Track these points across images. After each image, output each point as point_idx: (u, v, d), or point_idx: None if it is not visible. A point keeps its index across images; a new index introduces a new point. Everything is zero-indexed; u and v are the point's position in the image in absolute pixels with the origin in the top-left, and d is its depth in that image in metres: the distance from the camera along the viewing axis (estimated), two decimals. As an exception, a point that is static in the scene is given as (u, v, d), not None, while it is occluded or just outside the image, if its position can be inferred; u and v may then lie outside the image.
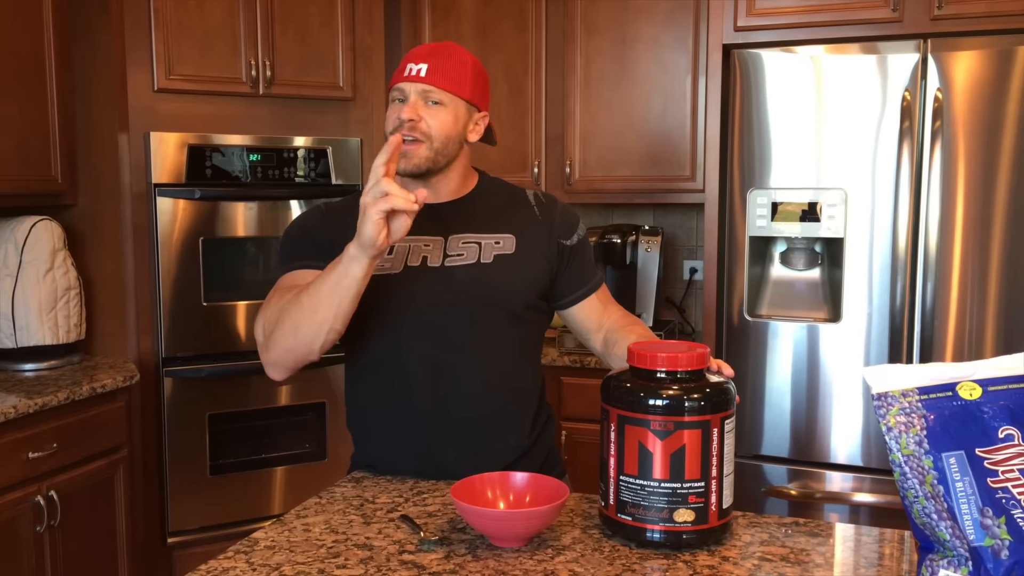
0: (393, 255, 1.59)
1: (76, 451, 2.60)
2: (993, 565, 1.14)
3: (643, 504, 1.27)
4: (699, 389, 1.28)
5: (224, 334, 3.16)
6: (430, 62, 1.57)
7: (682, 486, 1.25)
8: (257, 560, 1.26)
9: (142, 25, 2.95)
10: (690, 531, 1.27)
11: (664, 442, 1.25)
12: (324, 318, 1.45)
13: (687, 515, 1.26)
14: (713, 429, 1.26)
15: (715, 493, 1.27)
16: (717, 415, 1.27)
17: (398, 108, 1.58)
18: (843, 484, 2.63)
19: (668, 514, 1.26)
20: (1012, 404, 1.21)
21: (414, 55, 1.60)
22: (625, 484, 1.28)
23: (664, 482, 1.25)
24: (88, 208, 3.03)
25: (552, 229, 1.68)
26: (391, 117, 1.58)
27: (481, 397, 1.61)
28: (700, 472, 1.26)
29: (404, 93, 1.58)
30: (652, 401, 1.26)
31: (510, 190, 1.73)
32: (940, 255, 2.48)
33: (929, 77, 2.45)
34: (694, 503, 1.26)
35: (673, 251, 3.58)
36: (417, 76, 1.56)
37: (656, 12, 3.18)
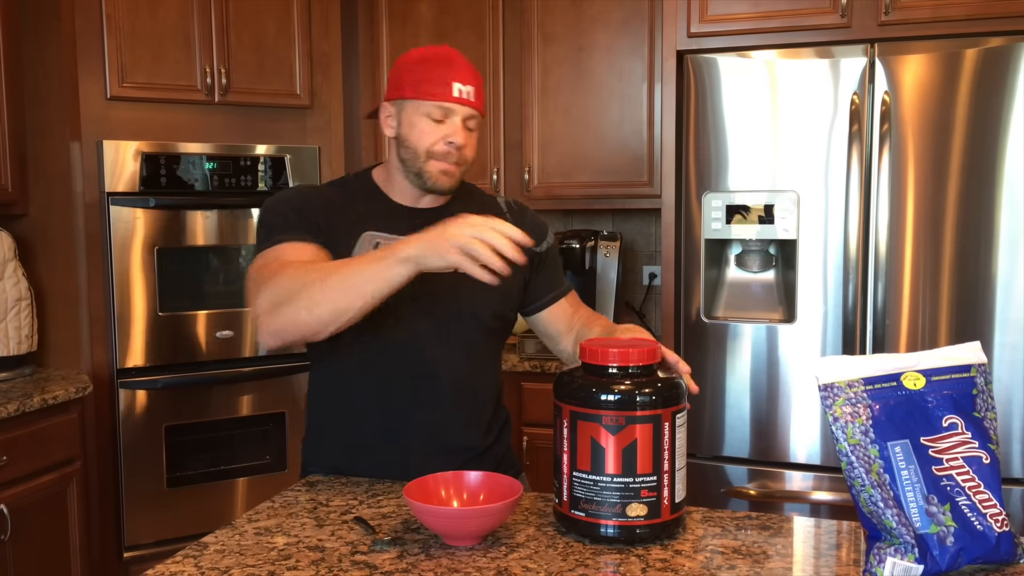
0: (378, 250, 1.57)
1: (27, 464, 2.55)
2: (939, 552, 1.15)
3: (596, 499, 1.27)
4: (650, 384, 1.28)
5: (181, 344, 3.12)
6: (475, 85, 1.55)
7: (634, 480, 1.26)
8: (206, 564, 1.24)
9: (94, 32, 2.92)
10: (643, 525, 1.27)
11: (616, 437, 1.25)
12: (349, 306, 1.37)
13: (640, 509, 1.26)
14: (664, 423, 1.27)
15: (667, 487, 1.28)
16: (668, 409, 1.28)
17: (441, 128, 1.54)
18: (803, 483, 2.66)
19: (621, 509, 1.26)
20: (955, 393, 1.23)
21: (456, 71, 1.54)
22: (578, 480, 1.28)
23: (617, 477, 1.26)
24: (39, 217, 2.98)
25: None
26: (430, 135, 1.54)
27: (444, 401, 1.61)
28: (652, 466, 1.26)
29: (450, 113, 1.54)
30: (603, 396, 1.26)
31: (482, 197, 1.74)
32: (891, 255, 2.52)
33: (877, 81, 2.50)
34: (646, 497, 1.27)
35: (632, 256, 3.60)
36: (468, 100, 1.54)
37: (612, 20, 3.21)
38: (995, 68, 2.41)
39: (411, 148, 1.56)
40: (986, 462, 1.20)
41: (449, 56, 1.56)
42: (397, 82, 1.58)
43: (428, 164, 1.56)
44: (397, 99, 1.57)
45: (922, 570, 1.15)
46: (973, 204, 2.46)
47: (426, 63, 1.55)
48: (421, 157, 1.56)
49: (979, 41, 2.44)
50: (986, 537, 1.16)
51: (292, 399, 3.30)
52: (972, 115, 2.44)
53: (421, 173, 1.57)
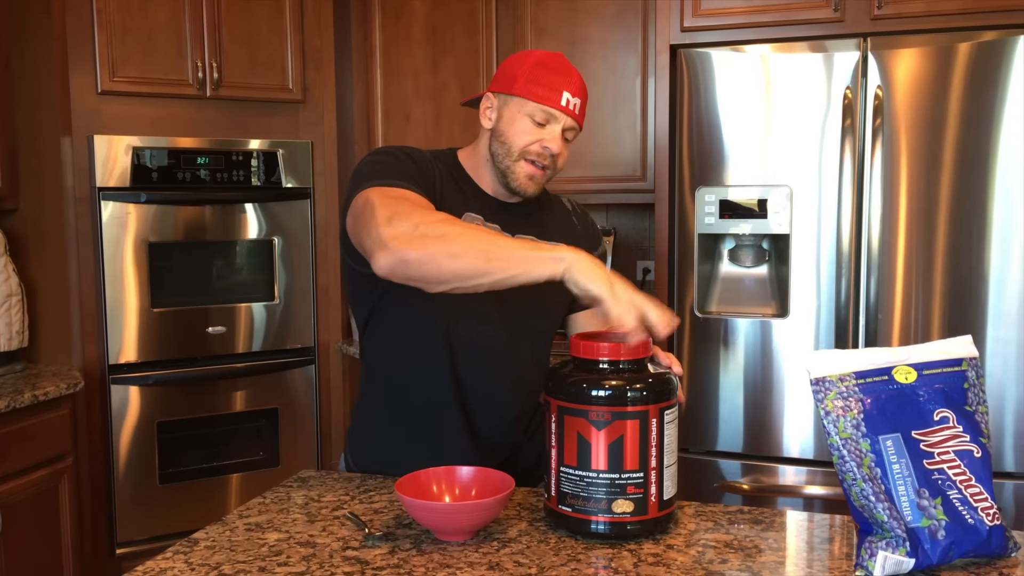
0: None
1: (18, 460, 2.54)
2: (930, 545, 1.15)
3: (583, 495, 1.27)
4: (639, 379, 1.28)
5: (173, 340, 3.11)
6: (582, 98, 1.55)
7: (620, 477, 1.25)
8: (196, 560, 1.23)
9: (85, 26, 2.90)
10: (630, 522, 1.27)
11: (602, 432, 1.25)
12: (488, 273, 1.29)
13: (626, 506, 1.26)
14: (652, 419, 1.26)
15: (655, 484, 1.27)
16: (656, 405, 1.27)
17: (542, 132, 1.53)
18: (796, 477, 2.66)
19: (607, 505, 1.26)
20: (947, 387, 1.23)
21: (570, 79, 1.54)
22: (565, 475, 1.28)
23: (603, 473, 1.25)
24: (30, 213, 2.96)
25: (586, 239, 1.71)
26: (529, 135, 1.53)
27: (504, 403, 1.62)
28: (639, 463, 1.26)
29: (553, 120, 1.53)
30: (591, 392, 1.26)
31: (550, 197, 1.74)
32: (883, 250, 2.52)
33: (869, 75, 2.49)
34: (633, 494, 1.26)
35: (626, 252, 3.60)
36: (573, 112, 1.53)
37: (605, 14, 3.20)
38: (988, 62, 2.41)
39: (506, 144, 1.54)
40: (977, 456, 1.20)
41: (565, 66, 1.56)
42: (507, 77, 1.56)
43: (518, 164, 1.54)
44: (503, 93, 1.56)
45: (913, 563, 1.15)
46: (966, 198, 2.46)
47: (542, 67, 1.54)
48: (513, 155, 1.54)
49: (972, 35, 2.44)
50: (977, 531, 1.16)
51: (285, 395, 3.29)
52: (965, 109, 2.44)
53: (507, 172, 1.55)
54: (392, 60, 3.45)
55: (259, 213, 3.23)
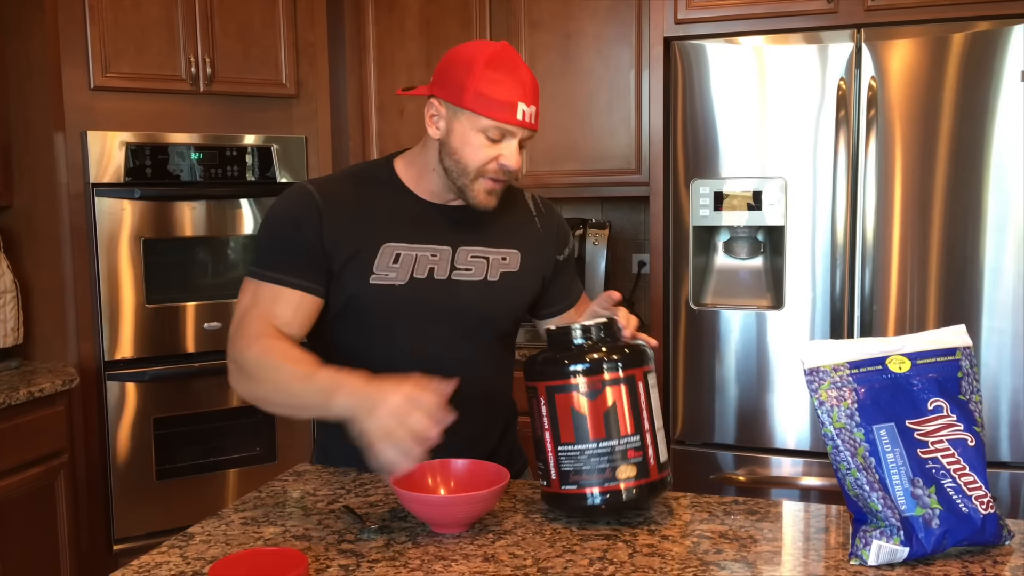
0: (399, 265, 1.50)
1: (14, 457, 2.54)
2: (924, 534, 1.16)
3: (585, 469, 1.28)
4: (617, 348, 1.31)
5: (169, 336, 3.11)
6: (537, 102, 1.46)
7: (619, 443, 1.27)
8: (191, 554, 1.23)
9: (77, 21, 2.89)
10: (635, 487, 1.28)
11: (594, 402, 1.27)
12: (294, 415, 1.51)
13: (629, 471, 1.27)
14: (639, 383, 1.29)
15: (651, 446, 1.30)
16: (640, 369, 1.30)
17: (501, 150, 1.45)
18: (792, 469, 2.67)
19: (611, 473, 1.27)
20: (940, 376, 1.23)
21: (526, 90, 1.44)
22: (564, 454, 1.29)
23: (601, 442, 1.27)
24: (24, 209, 2.96)
25: (550, 242, 1.67)
26: (484, 152, 1.45)
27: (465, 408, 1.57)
28: (634, 427, 1.28)
29: (509, 135, 1.45)
30: (575, 366, 1.28)
31: (511, 193, 1.65)
32: (878, 241, 2.53)
33: (863, 66, 2.49)
34: (634, 458, 1.28)
35: (621, 245, 3.60)
36: (530, 124, 1.45)
37: (599, 7, 3.20)
38: (982, 52, 2.41)
39: (461, 163, 1.47)
40: (971, 444, 1.20)
41: (515, 68, 1.44)
42: (454, 84, 1.44)
43: (475, 183, 1.47)
44: (451, 103, 1.45)
45: (908, 552, 1.15)
46: (960, 189, 2.46)
47: (491, 73, 1.42)
48: (470, 175, 1.47)
49: (966, 25, 2.43)
50: (971, 519, 1.17)
51: (281, 390, 3.28)
52: (959, 100, 2.44)
53: (465, 190, 1.49)
54: (386, 54, 3.44)
55: (254, 208, 3.23)
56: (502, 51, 1.45)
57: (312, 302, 1.49)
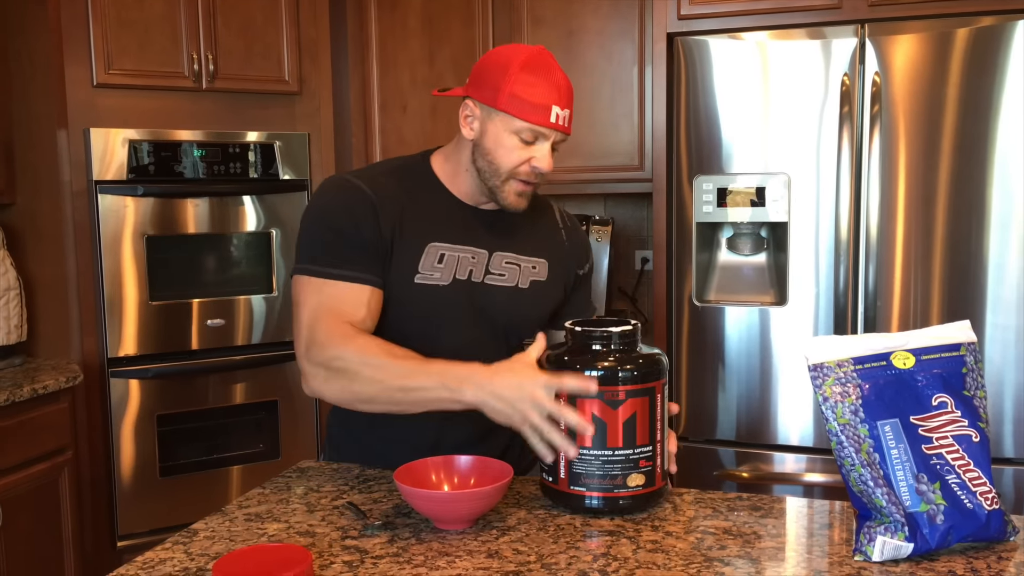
0: (443, 265, 1.51)
1: (18, 454, 2.54)
2: (929, 530, 1.15)
3: (598, 474, 1.29)
4: (643, 358, 1.31)
5: (173, 333, 3.11)
6: (571, 107, 1.47)
7: (634, 452, 1.29)
8: (195, 550, 1.23)
9: (79, 19, 2.89)
10: (641, 495, 1.31)
11: (619, 411, 1.28)
12: (403, 411, 1.39)
13: (639, 479, 1.30)
14: (657, 396, 1.31)
15: (659, 456, 1.33)
16: (660, 382, 1.32)
17: (534, 152, 1.46)
18: (795, 465, 2.66)
19: (623, 480, 1.30)
20: (945, 372, 1.23)
21: (560, 93, 1.45)
22: (579, 457, 1.29)
23: (619, 450, 1.29)
24: (27, 207, 2.96)
25: (573, 256, 1.69)
26: (517, 155, 1.46)
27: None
28: (648, 437, 1.30)
29: (544, 137, 1.46)
30: (608, 373, 1.29)
31: (538, 202, 1.66)
32: (882, 237, 2.52)
33: (867, 62, 2.49)
34: (644, 467, 1.30)
35: (625, 241, 3.60)
36: (563, 126, 1.46)
37: (601, 3, 3.19)
38: (986, 48, 2.40)
39: (493, 164, 1.48)
40: (976, 440, 1.20)
41: (550, 71, 1.45)
42: (489, 85, 1.45)
43: (507, 184, 1.49)
44: (485, 104, 1.46)
45: (912, 548, 1.15)
46: (964, 184, 2.45)
47: (526, 76, 1.43)
48: (502, 176, 1.48)
49: (970, 20, 2.43)
50: (976, 515, 1.16)
51: (285, 387, 3.29)
52: (963, 95, 2.43)
53: (496, 191, 1.50)
54: (388, 51, 3.44)
55: (257, 205, 3.23)
56: (538, 55, 1.46)
57: (379, 296, 1.48)
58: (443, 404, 1.35)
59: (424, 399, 1.36)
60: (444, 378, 1.33)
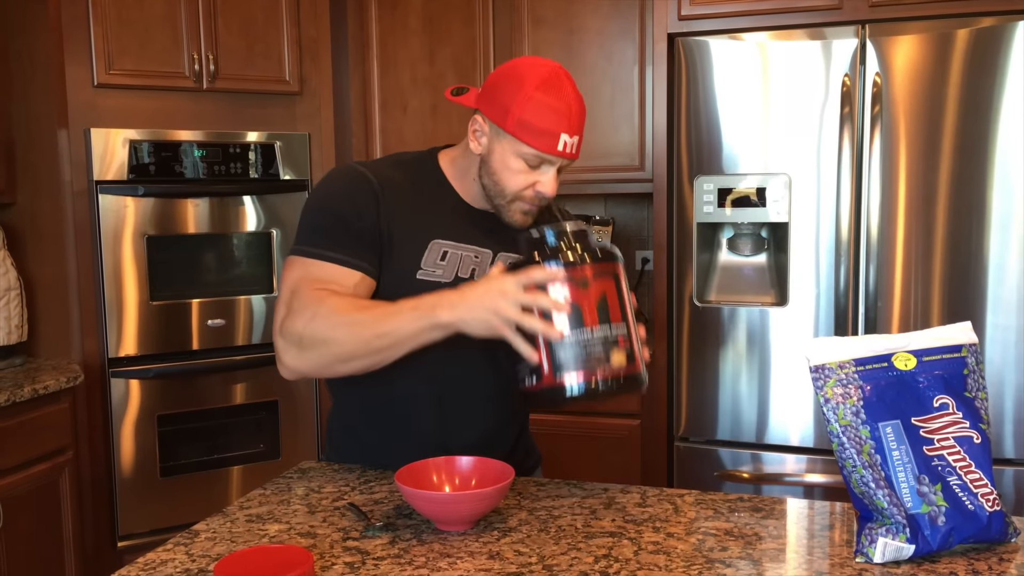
0: (445, 263, 1.50)
1: (18, 454, 2.54)
2: (930, 532, 1.15)
3: (582, 356, 1.29)
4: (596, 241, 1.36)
5: (173, 333, 3.11)
6: (581, 132, 1.45)
7: (611, 329, 1.31)
8: (197, 551, 1.23)
9: (80, 19, 2.89)
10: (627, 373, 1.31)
11: (588, 291, 1.30)
12: (384, 359, 1.38)
13: (621, 358, 1.31)
14: (621, 278, 1.35)
15: (635, 338, 1.34)
16: (619, 265, 1.36)
17: (539, 177, 1.46)
18: (796, 466, 2.66)
19: (606, 358, 1.30)
20: (946, 374, 1.23)
21: (571, 121, 1.42)
22: (559, 344, 1.29)
23: (596, 329, 1.30)
24: (27, 207, 2.96)
25: None
26: (522, 178, 1.45)
27: (484, 401, 1.57)
28: (621, 316, 1.32)
29: (548, 164, 1.45)
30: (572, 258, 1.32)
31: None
32: (882, 237, 2.52)
33: (868, 62, 2.49)
34: (624, 346, 1.32)
35: (625, 242, 3.59)
36: (571, 154, 1.44)
37: (602, 3, 3.19)
38: (987, 48, 2.40)
39: (497, 184, 1.47)
40: (977, 442, 1.20)
41: (563, 92, 1.42)
42: (499, 104, 1.43)
43: (512, 204, 1.48)
44: (494, 123, 1.45)
45: (913, 550, 1.15)
46: (965, 185, 2.45)
47: (539, 95, 1.41)
48: (507, 197, 1.48)
49: (970, 21, 2.43)
50: (977, 517, 1.16)
51: (285, 387, 3.29)
52: (964, 96, 2.43)
53: (500, 209, 1.50)
54: (389, 50, 3.44)
55: (257, 205, 3.23)
56: (552, 76, 1.43)
57: (369, 285, 1.46)
58: (423, 336, 1.34)
59: (402, 337, 1.35)
60: (417, 310, 1.34)
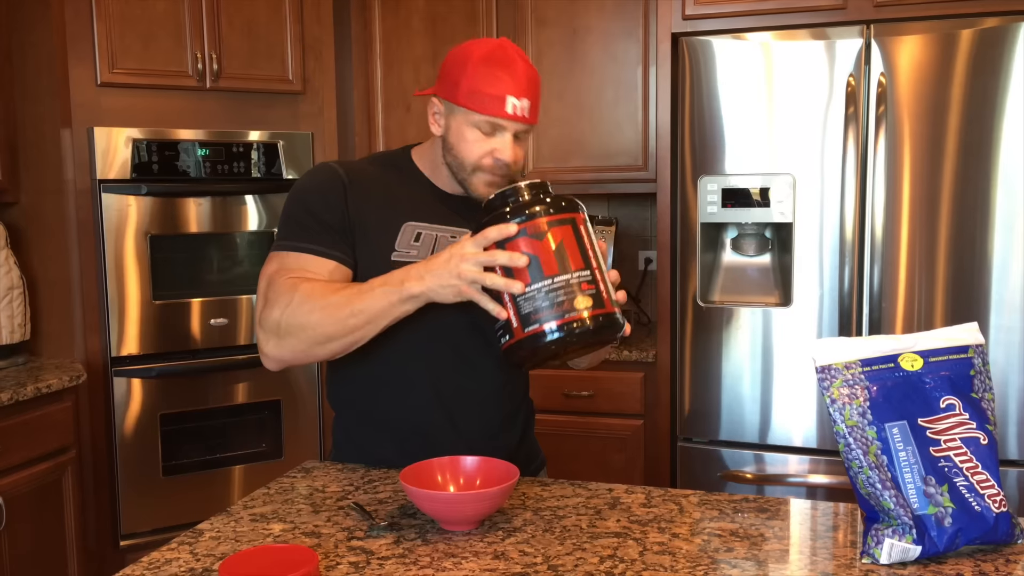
0: (420, 243, 1.52)
1: (21, 453, 2.54)
2: (937, 533, 1.15)
3: (545, 305, 1.30)
4: (552, 196, 1.36)
5: (176, 332, 3.11)
6: (531, 96, 1.47)
7: (572, 276, 1.31)
8: (201, 551, 1.23)
9: (83, 17, 2.89)
10: (593, 315, 1.30)
11: (542, 243, 1.31)
12: (361, 337, 1.41)
13: (586, 301, 1.31)
14: (580, 226, 1.34)
15: (602, 281, 1.34)
16: (579, 215, 1.35)
17: (491, 141, 1.48)
18: (799, 466, 2.66)
19: (570, 305, 1.30)
20: (952, 374, 1.23)
21: (517, 84, 1.45)
22: (523, 297, 1.30)
23: (557, 277, 1.30)
24: (31, 206, 2.96)
25: None
26: (479, 147, 1.47)
27: (487, 397, 1.58)
28: (583, 262, 1.32)
29: (501, 129, 1.47)
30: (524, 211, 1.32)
31: None
32: (887, 238, 2.52)
33: (872, 62, 2.48)
34: (587, 290, 1.31)
35: (628, 242, 3.59)
36: (523, 117, 1.46)
37: (606, 3, 3.19)
38: (991, 49, 2.40)
39: (457, 158, 1.50)
40: (984, 443, 1.19)
41: (509, 60, 1.46)
42: (450, 80, 1.48)
43: (474, 176, 1.50)
44: (447, 100, 1.49)
45: (920, 551, 1.15)
46: (969, 186, 2.45)
47: (483, 68, 1.44)
48: (467, 169, 1.50)
49: (975, 21, 2.42)
50: (984, 518, 1.16)
51: (288, 387, 3.28)
52: (968, 96, 2.43)
53: (466, 183, 1.52)
54: (392, 50, 3.44)
55: (259, 205, 3.23)
56: (498, 47, 1.47)
57: (343, 273, 1.50)
58: (395, 310, 1.38)
59: (375, 313, 1.38)
60: (387, 285, 1.38)
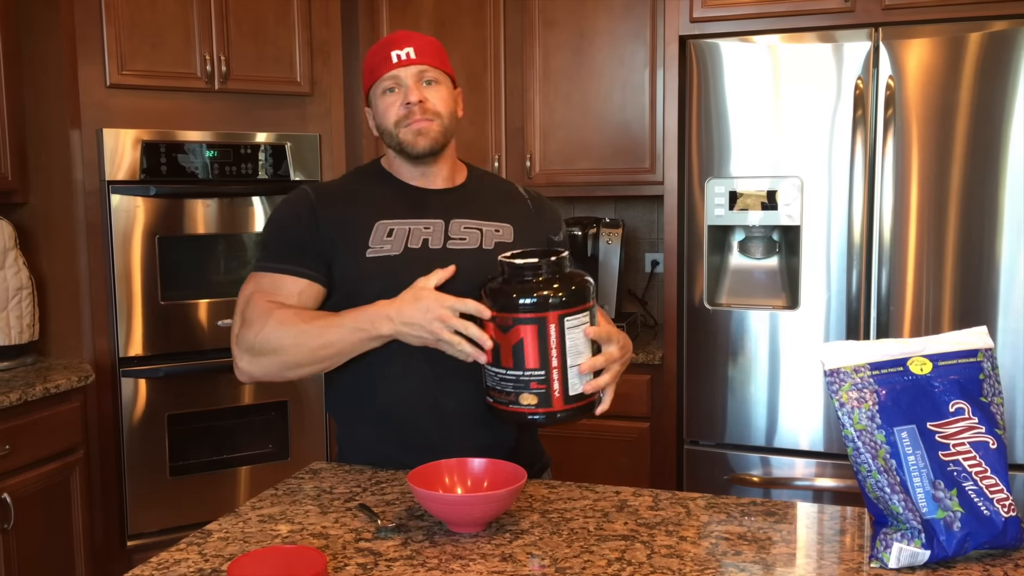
0: (392, 238, 1.56)
1: (30, 453, 2.55)
2: (946, 537, 1.15)
3: (497, 388, 1.40)
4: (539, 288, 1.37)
5: (183, 333, 3.12)
6: (414, 44, 1.58)
7: (524, 374, 1.37)
8: (210, 551, 1.24)
9: (93, 20, 2.90)
10: (535, 413, 1.38)
11: (507, 335, 1.37)
12: (330, 365, 1.51)
13: (531, 399, 1.37)
14: (550, 325, 1.36)
15: (557, 381, 1.38)
16: (555, 312, 1.36)
17: (397, 96, 1.58)
18: (805, 470, 2.66)
19: (516, 398, 1.38)
20: (962, 378, 1.22)
21: (393, 42, 1.59)
22: (488, 370, 1.41)
23: (510, 370, 1.38)
24: (40, 206, 2.97)
25: (543, 223, 1.71)
26: (391, 107, 1.58)
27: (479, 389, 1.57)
28: (540, 362, 1.36)
29: (398, 80, 1.57)
30: (495, 300, 1.39)
31: (501, 183, 1.78)
32: (895, 241, 2.51)
33: (881, 65, 2.48)
34: (536, 389, 1.37)
35: (635, 244, 3.59)
36: (409, 60, 1.57)
37: (614, 5, 3.19)
38: (999, 52, 2.40)
39: (385, 129, 1.60)
40: (993, 447, 1.19)
41: (392, 36, 1.61)
42: (364, 85, 1.65)
43: (400, 133, 1.58)
44: (366, 96, 1.65)
45: (928, 555, 1.14)
46: (977, 189, 2.45)
47: (374, 50, 1.61)
48: (393, 132, 1.58)
49: (983, 25, 2.42)
50: (993, 522, 1.16)
51: (294, 388, 3.29)
52: (976, 99, 2.42)
53: (401, 146, 1.59)
54: (400, 52, 3.44)
55: (267, 206, 3.23)
56: (388, 35, 1.63)
57: (315, 290, 1.56)
58: (364, 346, 1.46)
59: (345, 347, 1.47)
60: (356, 323, 1.45)
